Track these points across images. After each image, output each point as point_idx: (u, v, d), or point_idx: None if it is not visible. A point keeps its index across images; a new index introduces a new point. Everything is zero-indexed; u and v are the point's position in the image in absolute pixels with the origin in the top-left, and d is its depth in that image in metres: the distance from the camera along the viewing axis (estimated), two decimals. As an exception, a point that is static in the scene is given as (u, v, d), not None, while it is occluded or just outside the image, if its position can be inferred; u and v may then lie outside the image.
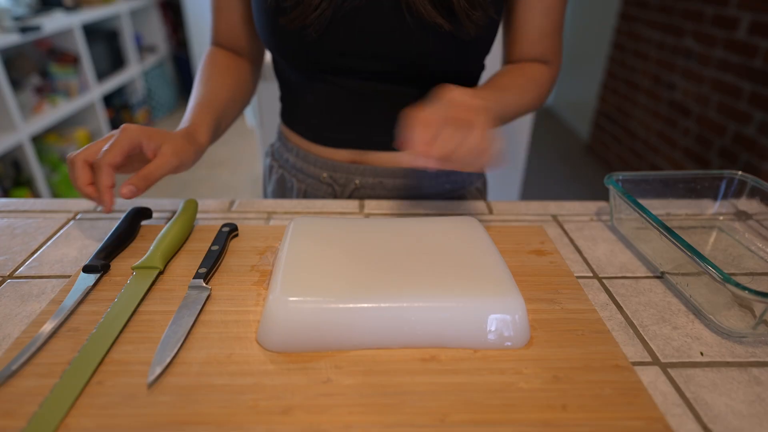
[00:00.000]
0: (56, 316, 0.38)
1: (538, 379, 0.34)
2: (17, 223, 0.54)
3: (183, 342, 0.36)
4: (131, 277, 0.42)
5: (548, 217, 0.58)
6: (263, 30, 0.59)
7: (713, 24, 1.93)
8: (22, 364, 0.34)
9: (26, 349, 0.34)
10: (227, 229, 0.49)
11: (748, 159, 1.78)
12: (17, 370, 0.33)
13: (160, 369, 0.33)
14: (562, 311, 0.41)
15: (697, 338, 0.40)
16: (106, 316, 0.38)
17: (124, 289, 0.41)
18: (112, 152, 0.46)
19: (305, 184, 0.68)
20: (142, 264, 0.43)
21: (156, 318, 0.39)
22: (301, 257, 0.41)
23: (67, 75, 2.45)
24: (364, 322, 0.36)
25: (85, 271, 0.43)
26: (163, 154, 0.48)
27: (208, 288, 0.42)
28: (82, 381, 0.32)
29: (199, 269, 0.43)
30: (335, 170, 0.65)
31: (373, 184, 0.66)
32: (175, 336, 0.36)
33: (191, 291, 0.41)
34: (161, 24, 3.52)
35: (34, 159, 2.13)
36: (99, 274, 0.43)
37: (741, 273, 0.49)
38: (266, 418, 0.30)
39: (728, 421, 0.32)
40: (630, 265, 0.50)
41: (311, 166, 0.67)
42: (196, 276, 0.43)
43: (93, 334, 0.36)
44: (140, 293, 0.40)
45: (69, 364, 0.34)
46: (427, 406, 0.32)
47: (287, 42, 0.57)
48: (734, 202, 0.58)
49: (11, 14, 2.16)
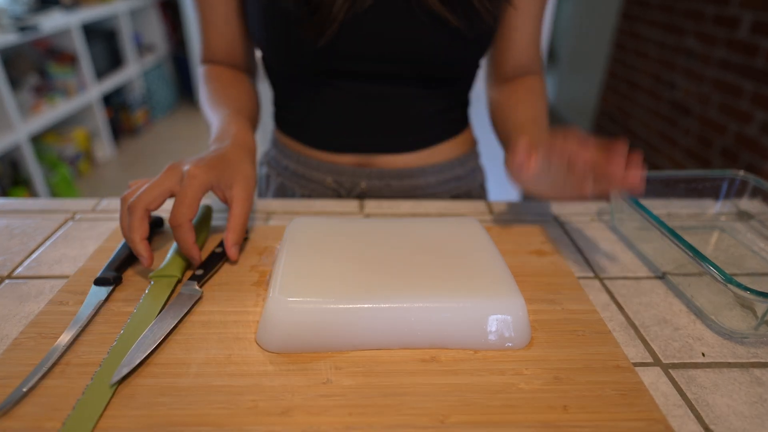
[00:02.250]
0: (71, 328, 0.37)
1: (538, 379, 0.34)
2: (15, 223, 0.54)
3: (158, 345, 0.35)
4: (149, 286, 0.41)
5: (549, 217, 0.58)
6: (272, 41, 0.56)
7: (714, 23, 1.93)
8: (41, 377, 0.33)
9: (44, 362, 0.34)
10: None
11: (750, 159, 1.77)
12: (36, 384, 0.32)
13: (127, 370, 0.33)
14: (562, 312, 0.41)
15: (699, 339, 0.40)
16: (129, 321, 0.37)
17: (143, 299, 0.40)
18: (184, 210, 0.41)
19: (308, 190, 0.67)
20: (159, 273, 0.42)
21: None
22: (300, 257, 0.41)
23: (66, 74, 2.45)
24: (364, 322, 0.36)
25: (97, 284, 0.41)
26: (239, 198, 0.45)
27: (199, 291, 0.41)
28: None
29: (195, 271, 0.43)
30: (340, 174, 0.65)
31: (380, 187, 0.65)
32: (152, 337, 0.35)
33: (184, 291, 0.41)
34: (160, 23, 3.52)
35: (33, 159, 2.13)
36: (111, 287, 0.41)
37: (743, 273, 0.49)
38: (265, 419, 0.30)
39: (730, 422, 0.32)
40: (631, 265, 0.49)
41: (314, 171, 0.65)
42: (192, 278, 0.42)
43: (120, 336, 0.36)
44: (161, 301, 0.40)
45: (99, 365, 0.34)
46: (427, 407, 0.31)
47: (300, 50, 0.55)
48: (736, 202, 0.58)
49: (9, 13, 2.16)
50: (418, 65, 0.56)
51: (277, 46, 0.57)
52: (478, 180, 0.72)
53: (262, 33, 0.57)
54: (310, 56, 0.55)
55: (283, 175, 0.69)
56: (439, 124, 0.65)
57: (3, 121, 1.99)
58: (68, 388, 0.32)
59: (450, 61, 0.57)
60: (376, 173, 0.64)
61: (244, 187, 0.46)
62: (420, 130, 0.64)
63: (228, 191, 0.46)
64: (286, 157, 0.68)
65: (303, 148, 0.66)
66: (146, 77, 3.29)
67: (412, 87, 0.59)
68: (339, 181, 0.65)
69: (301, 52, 0.55)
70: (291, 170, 0.68)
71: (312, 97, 0.61)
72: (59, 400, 0.31)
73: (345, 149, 0.64)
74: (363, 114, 0.61)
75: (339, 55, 0.55)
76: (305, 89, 0.61)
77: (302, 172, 0.66)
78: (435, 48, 0.55)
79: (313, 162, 0.65)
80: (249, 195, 0.46)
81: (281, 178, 0.69)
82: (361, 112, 0.61)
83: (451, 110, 0.65)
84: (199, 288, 0.41)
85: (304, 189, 0.67)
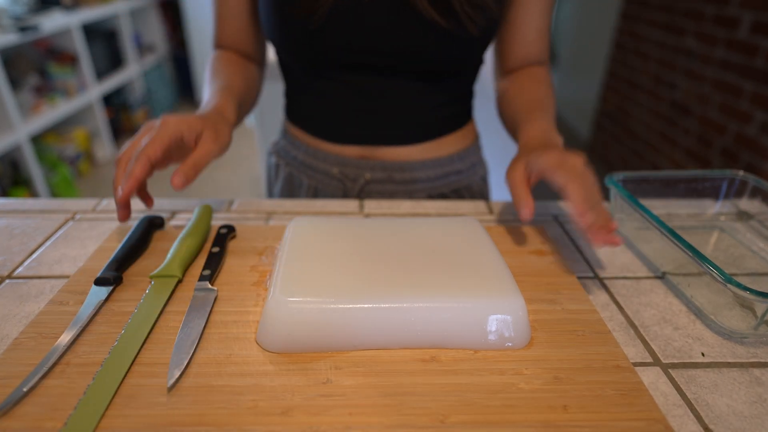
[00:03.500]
0: (71, 328, 0.37)
1: (538, 379, 0.34)
2: (16, 223, 0.54)
3: (198, 343, 0.36)
4: (150, 286, 0.42)
5: (549, 217, 0.58)
6: (268, 22, 0.59)
7: (714, 23, 1.93)
8: (42, 377, 0.33)
9: (44, 362, 0.33)
10: (225, 231, 0.49)
11: (750, 159, 1.77)
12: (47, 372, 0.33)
13: (179, 372, 0.33)
14: (562, 312, 0.41)
15: (699, 339, 0.40)
16: (131, 321, 0.37)
17: (144, 298, 0.40)
18: (153, 146, 0.45)
19: (315, 180, 0.68)
20: (160, 273, 0.42)
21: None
22: (300, 257, 0.41)
23: (66, 75, 2.45)
24: (364, 322, 0.36)
25: (97, 283, 0.41)
26: (205, 142, 0.48)
27: (214, 289, 0.42)
28: (116, 382, 0.32)
29: (203, 271, 0.43)
30: (345, 165, 0.66)
31: (383, 179, 0.66)
32: (189, 339, 0.36)
33: (198, 293, 0.41)
34: (160, 23, 3.52)
35: (33, 159, 2.13)
36: (112, 287, 0.41)
37: (742, 273, 0.49)
38: (266, 419, 0.30)
39: (729, 422, 0.32)
40: (631, 265, 0.49)
41: (321, 162, 0.67)
42: (201, 278, 0.42)
43: (122, 335, 0.36)
44: (162, 301, 0.40)
45: (100, 365, 0.34)
46: (428, 406, 0.31)
47: (292, 34, 0.57)
48: (736, 203, 0.58)
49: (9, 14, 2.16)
50: (414, 61, 0.57)
51: (272, 29, 0.59)
52: (479, 173, 0.73)
53: (262, 17, 0.60)
54: (305, 43, 0.57)
55: (292, 164, 0.71)
56: (440, 118, 0.66)
57: (3, 121, 1.99)
58: (68, 388, 0.32)
59: (445, 58, 0.58)
60: (379, 165, 0.66)
61: (212, 136, 0.49)
62: (421, 124, 0.65)
63: (198, 139, 0.48)
64: (294, 148, 0.70)
65: (311, 140, 0.68)
66: (146, 77, 3.29)
67: (411, 81, 0.60)
68: (344, 172, 0.66)
69: (294, 36, 0.57)
70: (299, 160, 0.70)
71: (318, 89, 0.63)
72: (59, 399, 0.31)
73: (349, 141, 0.65)
74: (365, 107, 0.62)
75: (331, 44, 0.56)
76: (312, 82, 0.63)
77: (310, 163, 0.68)
78: (427, 45, 0.56)
79: (321, 153, 0.67)
80: (215, 143, 0.49)
81: (290, 167, 0.71)
82: (363, 105, 0.62)
83: (453, 104, 0.66)
84: (212, 286, 0.42)
85: (311, 179, 0.69)
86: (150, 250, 0.48)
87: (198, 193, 2.46)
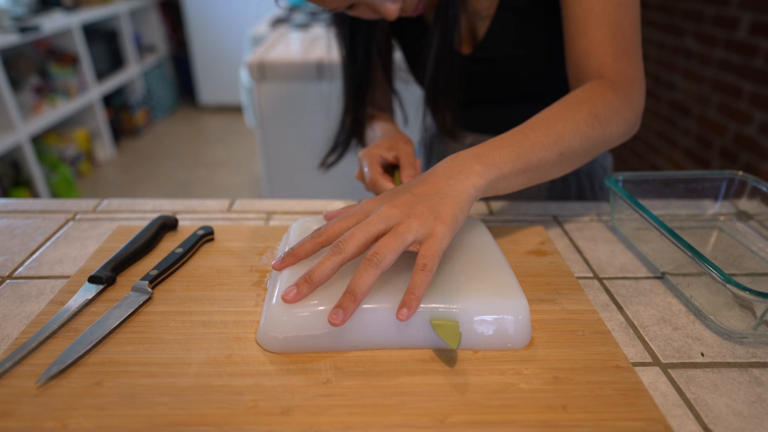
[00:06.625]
0: (54, 321, 0.37)
1: (538, 379, 0.34)
2: (16, 223, 0.54)
3: (95, 345, 0.35)
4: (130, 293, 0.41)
5: (548, 217, 0.58)
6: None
7: (714, 24, 1.93)
8: (15, 363, 0.33)
9: (19, 350, 0.34)
10: (201, 233, 0.48)
11: (749, 159, 1.77)
12: (11, 368, 0.33)
13: (57, 369, 0.32)
14: (562, 312, 0.41)
15: (698, 339, 0.40)
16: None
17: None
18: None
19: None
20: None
21: (156, 319, 0.38)
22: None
23: (67, 75, 2.45)
24: (365, 323, 0.36)
25: (90, 281, 0.41)
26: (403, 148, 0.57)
27: (149, 291, 0.41)
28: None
29: (150, 270, 0.42)
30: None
31: None
32: (90, 337, 0.35)
33: (132, 293, 0.40)
34: (161, 24, 3.52)
35: (33, 159, 2.13)
36: (102, 287, 0.41)
37: (742, 273, 0.49)
38: (266, 419, 0.30)
39: (729, 422, 0.32)
40: (630, 265, 0.49)
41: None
42: (144, 278, 0.42)
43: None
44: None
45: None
46: (427, 406, 0.31)
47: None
48: (735, 203, 0.58)
49: (10, 14, 2.16)
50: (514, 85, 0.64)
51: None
52: None
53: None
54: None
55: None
56: None
57: (4, 121, 1.99)
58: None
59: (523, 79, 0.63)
60: None
61: (404, 139, 0.60)
62: None
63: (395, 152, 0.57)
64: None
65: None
66: (147, 78, 3.29)
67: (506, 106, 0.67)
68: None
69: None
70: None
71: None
72: (60, 400, 0.31)
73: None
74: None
75: None
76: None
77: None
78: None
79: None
80: (411, 146, 0.58)
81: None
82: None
83: None
84: (150, 289, 0.41)
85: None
86: (157, 250, 0.48)
87: (198, 194, 2.47)
